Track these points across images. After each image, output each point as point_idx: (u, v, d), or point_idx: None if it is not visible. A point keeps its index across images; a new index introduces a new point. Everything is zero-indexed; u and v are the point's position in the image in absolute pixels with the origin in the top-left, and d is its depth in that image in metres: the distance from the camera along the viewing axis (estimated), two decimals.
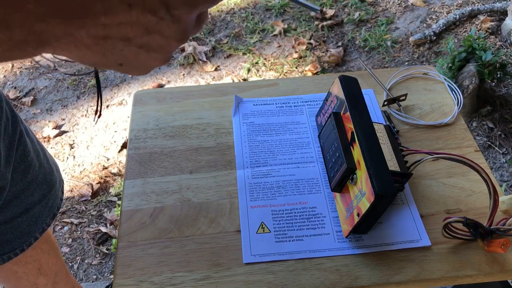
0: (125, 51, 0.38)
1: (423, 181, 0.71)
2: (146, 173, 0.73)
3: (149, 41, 0.38)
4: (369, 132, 0.63)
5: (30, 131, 0.78)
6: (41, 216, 0.80)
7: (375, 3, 2.46)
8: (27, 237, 0.79)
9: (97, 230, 1.60)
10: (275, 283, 0.60)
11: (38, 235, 0.81)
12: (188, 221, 0.67)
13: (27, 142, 0.74)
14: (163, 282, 0.60)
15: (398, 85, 0.86)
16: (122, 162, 1.78)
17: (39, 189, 0.78)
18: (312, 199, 0.68)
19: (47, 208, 0.81)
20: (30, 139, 0.76)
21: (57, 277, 1.02)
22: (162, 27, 0.37)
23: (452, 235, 0.62)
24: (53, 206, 0.83)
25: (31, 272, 0.94)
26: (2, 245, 0.76)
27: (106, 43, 0.36)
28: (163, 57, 0.41)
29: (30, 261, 0.92)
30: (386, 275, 0.60)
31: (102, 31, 0.35)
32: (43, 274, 0.97)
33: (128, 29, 0.36)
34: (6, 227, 0.75)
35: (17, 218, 0.76)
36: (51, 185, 0.81)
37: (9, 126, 0.69)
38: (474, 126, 1.84)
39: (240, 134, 0.78)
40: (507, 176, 1.70)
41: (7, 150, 0.68)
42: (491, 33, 2.21)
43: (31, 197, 0.76)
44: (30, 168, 0.75)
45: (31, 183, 0.75)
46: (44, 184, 0.79)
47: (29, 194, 0.75)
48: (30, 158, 0.74)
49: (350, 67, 2.15)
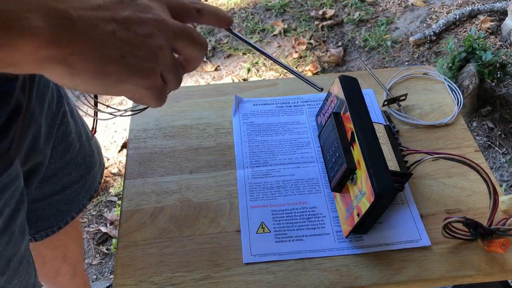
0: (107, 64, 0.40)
1: (423, 181, 0.71)
2: (146, 173, 0.73)
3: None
4: (369, 132, 0.63)
5: (76, 113, 0.80)
6: (78, 196, 0.83)
7: (375, 3, 2.46)
8: (64, 215, 0.82)
9: (97, 230, 1.60)
10: (275, 283, 0.60)
11: (75, 214, 0.85)
12: (188, 221, 0.67)
13: (69, 122, 0.76)
14: (163, 282, 0.60)
15: (398, 85, 0.86)
16: (122, 162, 1.77)
17: (77, 170, 0.80)
18: (312, 199, 0.68)
19: (84, 189, 0.84)
20: (74, 120, 0.78)
21: (77, 268, 1.06)
22: None
23: (452, 235, 0.62)
24: (91, 187, 0.86)
25: (58, 258, 0.98)
26: (41, 221, 0.79)
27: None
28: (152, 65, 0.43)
29: (59, 245, 0.95)
30: (386, 275, 0.60)
31: None
32: (67, 261, 1.00)
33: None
34: (43, 203, 0.78)
35: (55, 195, 0.78)
36: (90, 167, 0.83)
37: (53, 104, 0.71)
38: (474, 126, 1.84)
39: (240, 134, 0.78)
40: (507, 176, 1.70)
41: (48, 128, 0.70)
42: (491, 33, 2.21)
43: (69, 176, 0.79)
44: (70, 148, 0.77)
45: (70, 162, 0.78)
46: (82, 165, 0.81)
47: (67, 173, 0.78)
48: (71, 139, 0.77)
49: (350, 67, 2.15)
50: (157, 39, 0.40)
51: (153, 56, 0.40)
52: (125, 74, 0.39)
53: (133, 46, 0.39)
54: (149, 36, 0.40)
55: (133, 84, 0.40)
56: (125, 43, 0.39)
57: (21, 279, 0.65)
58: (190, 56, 0.45)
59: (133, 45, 0.39)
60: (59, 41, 0.36)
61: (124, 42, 0.39)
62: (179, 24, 0.43)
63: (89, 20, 0.37)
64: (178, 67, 0.44)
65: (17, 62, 0.35)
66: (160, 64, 0.41)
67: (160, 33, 0.41)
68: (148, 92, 0.42)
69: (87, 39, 0.37)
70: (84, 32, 0.37)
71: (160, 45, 0.40)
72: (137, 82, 0.40)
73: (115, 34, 0.38)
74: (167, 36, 0.41)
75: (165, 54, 0.41)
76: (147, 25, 0.40)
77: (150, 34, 0.40)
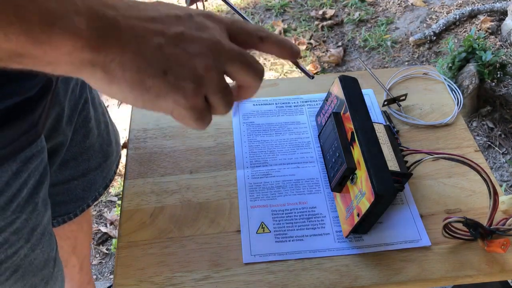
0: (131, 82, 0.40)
1: (423, 181, 0.71)
2: (146, 173, 0.73)
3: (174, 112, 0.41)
4: (369, 132, 0.63)
5: (98, 102, 0.82)
6: (95, 183, 0.84)
7: (375, 3, 2.46)
8: (81, 202, 0.84)
9: (97, 230, 1.60)
10: (275, 283, 0.60)
11: (91, 202, 0.86)
12: (188, 221, 0.67)
13: (90, 109, 0.77)
14: (163, 282, 0.60)
15: (398, 85, 0.86)
16: (122, 162, 1.77)
17: (96, 157, 0.82)
18: (312, 199, 0.68)
19: (101, 177, 0.85)
20: (95, 108, 0.80)
21: (83, 264, 1.07)
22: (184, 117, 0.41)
23: (452, 235, 0.62)
24: (107, 176, 0.87)
25: (67, 250, 0.99)
26: (59, 206, 0.81)
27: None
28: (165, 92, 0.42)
29: (70, 236, 0.97)
30: (386, 275, 0.60)
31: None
32: (76, 254, 1.03)
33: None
34: (63, 188, 0.79)
35: (74, 180, 0.80)
36: (107, 155, 0.85)
37: (77, 90, 0.73)
38: (474, 126, 1.84)
39: (240, 134, 0.78)
40: (507, 176, 1.70)
41: (71, 111, 0.72)
42: (491, 33, 2.21)
43: (88, 162, 0.80)
44: (90, 134, 0.78)
45: (89, 149, 0.79)
46: (100, 153, 0.83)
47: (86, 158, 0.80)
48: (91, 125, 0.78)
49: (350, 67, 2.15)
50: (205, 59, 0.39)
51: (197, 76, 0.39)
52: (165, 91, 0.38)
53: (178, 63, 0.38)
54: (197, 55, 0.39)
55: (172, 102, 0.39)
56: (170, 59, 0.38)
57: (44, 249, 0.67)
58: (244, 82, 0.43)
59: (179, 62, 0.38)
60: (100, 46, 0.35)
61: (169, 58, 0.38)
62: (235, 48, 0.41)
63: (137, 30, 0.37)
64: (227, 91, 0.41)
65: (54, 61, 0.35)
66: (205, 85, 0.39)
67: (210, 54, 0.39)
68: (188, 112, 0.40)
69: (130, 49, 0.37)
70: (128, 42, 0.36)
71: (208, 65, 0.39)
72: (177, 100, 0.39)
73: (162, 48, 0.38)
74: (219, 58, 0.40)
75: (213, 75, 0.40)
76: (199, 44, 0.39)
77: (200, 53, 0.39)
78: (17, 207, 0.60)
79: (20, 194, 0.60)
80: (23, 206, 0.61)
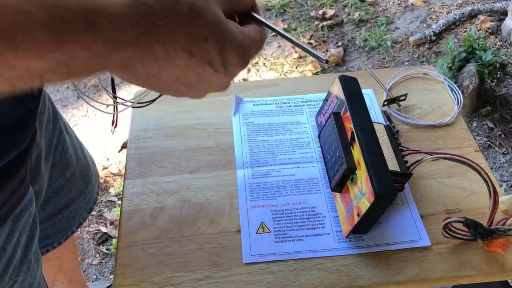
0: (170, 86, 0.39)
1: (423, 181, 0.71)
2: (146, 173, 0.73)
3: (196, 83, 0.39)
4: (369, 132, 0.63)
5: (69, 127, 0.79)
6: (79, 211, 0.82)
7: (375, 3, 2.46)
8: (65, 231, 0.81)
9: (97, 230, 1.60)
10: (275, 283, 0.60)
11: (75, 229, 0.84)
12: (188, 221, 0.67)
13: (66, 138, 0.75)
14: (163, 282, 0.60)
15: (398, 85, 0.86)
16: (122, 162, 1.77)
17: (77, 185, 0.79)
18: (312, 199, 0.68)
19: (84, 203, 0.83)
20: (69, 135, 0.77)
21: (73, 275, 1.05)
22: (213, 77, 0.39)
23: (452, 235, 0.62)
24: (90, 200, 0.85)
25: (53, 270, 0.97)
26: (42, 241, 0.78)
27: (155, 78, 0.38)
28: (201, 95, 0.42)
29: (53, 258, 0.94)
30: (386, 275, 0.60)
31: (157, 70, 0.37)
32: (62, 271, 1.00)
33: (180, 72, 0.38)
34: (47, 224, 0.77)
35: (57, 214, 0.77)
36: (87, 180, 0.82)
37: (50, 123, 0.69)
38: (474, 126, 1.84)
39: (240, 134, 0.78)
40: (507, 176, 1.70)
41: (47, 147, 0.68)
42: (491, 33, 2.21)
43: (70, 193, 0.78)
44: (69, 164, 0.76)
45: (70, 179, 0.77)
46: (81, 180, 0.80)
47: (68, 190, 0.77)
48: (69, 155, 0.75)
49: (350, 67, 2.15)
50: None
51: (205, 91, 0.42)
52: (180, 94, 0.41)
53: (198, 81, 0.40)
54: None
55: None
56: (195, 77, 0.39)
57: None
58: None
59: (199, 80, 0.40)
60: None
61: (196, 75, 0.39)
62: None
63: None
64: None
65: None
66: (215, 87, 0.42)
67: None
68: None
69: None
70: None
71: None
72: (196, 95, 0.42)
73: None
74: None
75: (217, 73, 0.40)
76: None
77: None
78: (13, 271, 0.56)
79: (14, 256, 0.56)
80: (19, 268, 0.57)
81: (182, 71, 0.37)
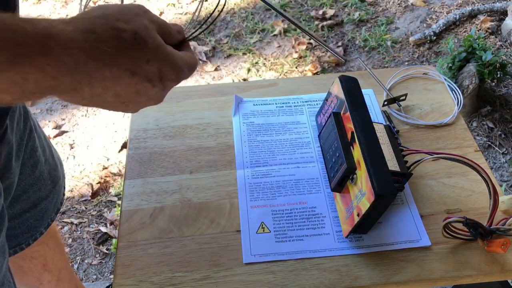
0: (110, 104, 0.44)
1: (423, 181, 0.71)
2: (146, 173, 0.73)
3: (134, 99, 0.44)
4: (369, 132, 0.63)
5: (38, 127, 0.79)
6: (47, 211, 0.82)
7: (375, 3, 2.46)
8: (33, 231, 0.81)
9: (97, 230, 1.60)
10: (275, 283, 0.60)
11: (44, 230, 0.83)
12: (188, 221, 0.67)
13: (35, 138, 0.75)
14: (163, 282, 0.60)
15: (398, 85, 0.86)
16: (122, 162, 1.77)
17: (46, 185, 0.79)
18: (312, 199, 0.68)
19: (52, 203, 0.83)
20: (37, 134, 0.77)
21: (61, 274, 1.04)
22: (151, 91, 0.44)
23: (452, 235, 0.62)
24: (57, 201, 0.85)
25: (36, 268, 0.96)
26: (10, 240, 0.77)
27: (99, 98, 0.42)
28: (136, 110, 0.47)
29: (36, 256, 0.94)
30: (386, 275, 0.60)
31: (102, 90, 0.41)
32: (48, 270, 0.99)
33: (122, 90, 0.42)
34: (14, 222, 0.76)
35: (26, 213, 0.77)
36: (55, 180, 0.82)
37: (21, 121, 0.70)
38: (474, 126, 1.84)
39: (240, 134, 0.78)
40: (507, 176, 1.70)
41: (18, 145, 0.69)
42: (491, 33, 2.21)
43: (39, 192, 0.78)
44: (38, 163, 0.76)
45: (39, 178, 0.77)
46: (49, 179, 0.80)
47: (36, 189, 0.77)
48: (38, 154, 0.76)
49: (350, 67, 2.15)
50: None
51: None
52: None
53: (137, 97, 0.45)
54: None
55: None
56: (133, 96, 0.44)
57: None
58: None
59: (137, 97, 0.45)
60: None
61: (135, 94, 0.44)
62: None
63: None
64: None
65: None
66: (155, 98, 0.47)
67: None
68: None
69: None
70: None
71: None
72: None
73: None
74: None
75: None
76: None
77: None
78: None
79: None
80: None
81: (124, 89, 0.42)
